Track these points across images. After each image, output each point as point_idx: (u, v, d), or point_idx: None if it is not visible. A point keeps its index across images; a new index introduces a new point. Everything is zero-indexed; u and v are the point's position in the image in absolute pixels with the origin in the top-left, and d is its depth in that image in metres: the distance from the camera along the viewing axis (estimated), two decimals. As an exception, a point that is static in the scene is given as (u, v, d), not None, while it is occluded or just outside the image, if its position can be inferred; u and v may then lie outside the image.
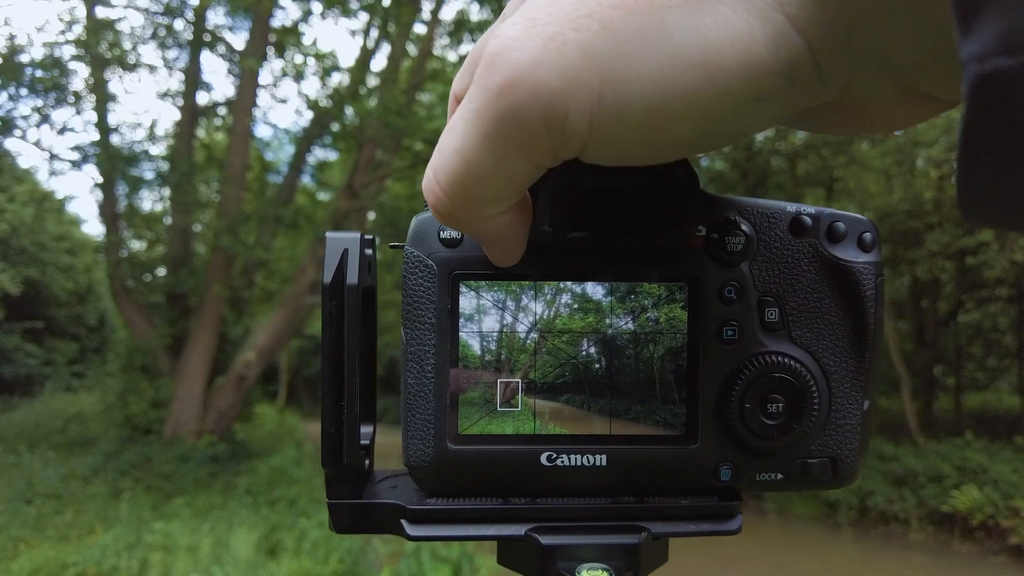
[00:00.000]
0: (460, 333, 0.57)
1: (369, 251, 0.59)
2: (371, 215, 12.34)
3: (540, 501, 0.58)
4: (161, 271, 12.22)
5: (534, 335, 0.57)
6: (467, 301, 0.57)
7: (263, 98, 13.79)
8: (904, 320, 13.26)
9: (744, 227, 0.58)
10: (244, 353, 10.66)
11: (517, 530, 0.56)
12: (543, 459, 0.57)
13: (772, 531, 9.87)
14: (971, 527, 9.05)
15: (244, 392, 11.09)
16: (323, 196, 13.60)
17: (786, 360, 0.57)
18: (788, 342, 0.58)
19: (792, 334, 0.58)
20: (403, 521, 0.57)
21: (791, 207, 0.58)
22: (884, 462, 10.24)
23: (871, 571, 8.66)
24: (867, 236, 0.59)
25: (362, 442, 0.58)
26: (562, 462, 0.57)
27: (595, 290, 0.58)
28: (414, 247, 0.57)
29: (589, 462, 0.57)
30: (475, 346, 0.57)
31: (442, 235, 0.57)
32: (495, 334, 0.58)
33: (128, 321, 11.12)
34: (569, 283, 0.57)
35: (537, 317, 0.57)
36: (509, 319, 0.57)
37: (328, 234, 0.55)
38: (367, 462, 0.61)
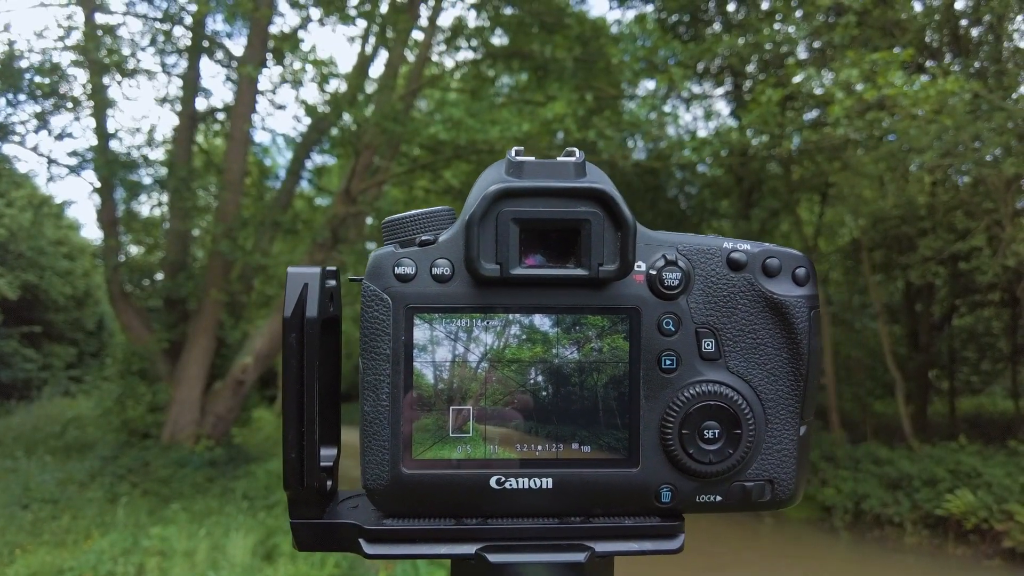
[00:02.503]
0: (414, 363, 0.60)
1: (332, 282, 0.63)
2: (369, 220, 12.37)
3: (491, 522, 0.61)
4: (159, 276, 12.23)
5: (484, 365, 0.61)
6: (421, 333, 0.60)
7: (261, 104, 13.85)
8: (898, 324, 13.29)
9: (681, 263, 0.61)
10: (242, 358, 10.67)
11: (468, 549, 0.60)
12: (492, 482, 0.60)
13: (768, 535, 9.90)
14: (965, 531, 9.06)
15: (242, 397, 11.10)
16: (321, 201, 13.62)
17: (722, 388, 0.61)
18: (725, 371, 0.62)
19: (728, 363, 0.62)
20: (361, 540, 0.60)
21: (728, 243, 0.63)
22: (879, 466, 10.26)
23: (866, 575, 8.68)
24: (800, 271, 0.63)
25: (324, 464, 0.62)
26: (511, 485, 0.60)
27: (542, 322, 0.60)
28: (371, 281, 0.60)
29: (536, 485, 0.60)
30: (428, 375, 0.60)
31: (397, 270, 0.60)
32: (447, 364, 0.60)
33: (126, 326, 11.12)
34: (517, 315, 0.60)
35: (487, 348, 0.60)
36: (461, 350, 0.60)
37: (289, 269, 0.59)
38: (329, 483, 0.65)
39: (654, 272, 0.61)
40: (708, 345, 0.62)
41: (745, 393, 0.62)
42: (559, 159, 0.60)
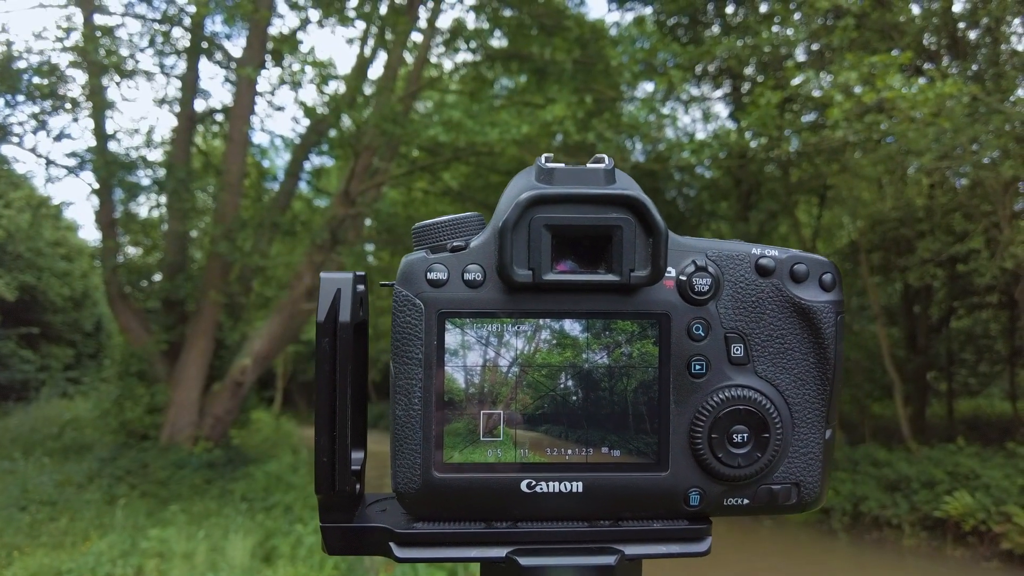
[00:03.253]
0: (445, 367, 0.61)
1: (361, 287, 0.63)
2: (367, 222, 12.37)
3: (521, 525, 0.61)
4: (158, 277, 12.21)
5: (515, 369, 0.61)
6: (452, 337, 0.60)
7: (260, 105, 13.84)
8: (897, 326, 13.32)
9: (711, 269, 0.62)
10: (240, 359, 10.66)
11: (498, 552, 0.60)
12: (523, 486, 0.61)
13: (767, 537, 9.90)
14: (963, 532, 9.08)
15: (240, 398, 11.08)
16: (320, 203, 13.61)
17: (751, 393, 0.61)
18: (753, 375, 0.62)
19: (757, 368, 0.62)
20: (392, 544, 0.61)
21: (756, 250, 0.63)
22: (877, 468, 10.28)
23: (865, 576, 8.70)
24: (827, 277, 0.63)
25: (353, 468, 0.62)
26: (541, 488, 0.61)
27: (572, 327, 0.61)
28: (403, 286, 0.61)
29: (566, 489, 0.61)
30: (460, 380, 0.61)
31: (429, 276, 0.60)
32: (478, 368, 0.61)
33: (124, 327, 11.10)
34: (548, 320, 0.61)
35: (518, 352, 0.61)
36: (492, 354, 0.61)
37: (323, 274, 0.60)
38: (358, 487, 0.65)
39: (684, 278, 0.62)
40: (737, 350, 0.62)
41: (773, 397, 0.62)
42: (589, 166, 0.61)
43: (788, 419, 0.63)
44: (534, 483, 0.61)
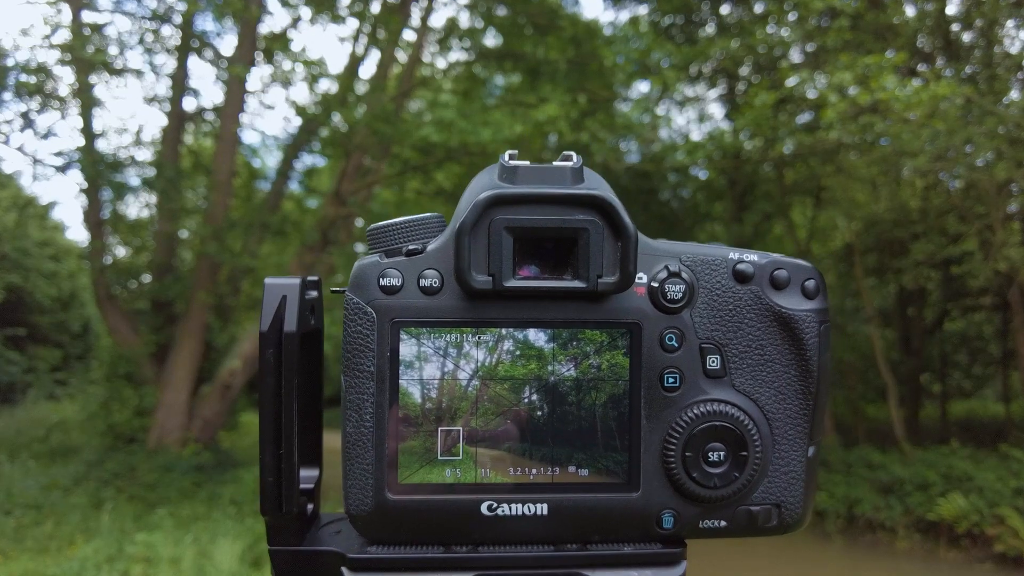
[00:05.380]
0: (400, 380, 0.57)
1: (313, 292, 0.59)
2: (359, 222, 12.30)
3: (482, 550, 0.57)
4: (146, 278, 12.12)
5: (476, 382, 0.57)
6: (407, 348, 0.57)
7: (251, 104, 13.76)
8: (891, 328, 13.35)
9: (685, 275, 0.58)
10: (230, 361, 10.57)
11: None
12: (484, 508, 0.57)
13: (761, 540, 9.87)
14: (957, 535, 9.09)
15: (229, 401, 10.99)
16: (311, 203, 13.54)
17: (728, 408, 0.58)
18: (730, 389, 0.59)
19: (734, 381, 0.59)
20: (344, 569, 0.57)
21: (733, 254, 0.59)
22: (871, 470, 10.28)
23: (858, 580, 8.68)
24: (810, 283, 0.59)
25: (304, 487, 0.58)
26: (503, 511, 0.57)
27: (537, 337, 0.57)
28: (354, 293, 0.57)
29: (530, 511, 0.57)
30: (415, 394, 0.57)
31: (382, 282, 0.56)
32: (436, 382, 0.57)
33: (112, 328, 11.01)
34: (511, 330, 0.57)
35: (479, 364, 0.57)
36: (450, 366, 0.57)
37: (267, 280, 0.55)
38: (310, 507, 0.62)
39: (656, 284, 0.58)
40: (713, 362, 0.59)
41: (752, 413, 0.59)
42: (555, 164, 0.56)
43: (768, 436, 0.59)
44: (496, 505, 0.57)
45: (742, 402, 0.59)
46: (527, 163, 0.56)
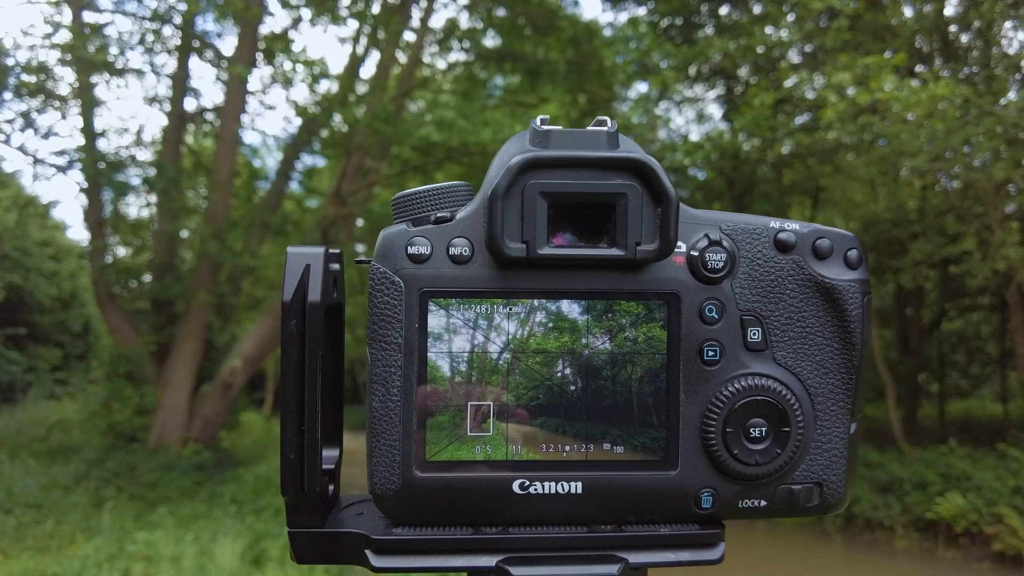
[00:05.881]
0: (428, 353, 0.55)
1: (336, 265, 0.57)
2: (359, 222, 12.30)
3: (512, 530, 0.56)
4: (147, 278, 12.10)
5: (507, 355, 0.55)
6: (436, 320, 0.54)
7: (251, 104, 13.75)
8: (889, 328, 13.36)
9: (726, 244, 0.56)
10: (230, 360, 10.56)
11: (488, 561, 0.54)
12: (515, 487, 0.55)
13: (761, 538, 9.89)
14: (955, 534, 9.10)
15: (230, 400, 10.98)
16: (311, 203, 13.53)
17: (769, 382, 0.56)
18: (772, 363, 0.57)
19: (776, 355, 0.57)
20: (367, 551, 0.55)
21: (775, 223, 0.57)
22: (870, 469, 10.28)
23: (857, 578, 8.69)
24: (853, 253, 0.58)
25: (326, 467, 0.56)
26: (535, 490, 0.55)
27: (571, 308, 0.55)
28: (380, 263, 0.55)
29: (564, 489, 0.55)
30: (444, 367, 0.55)
31: (410, 250, 0.54)
32: (465, 354, 0.55)
33: (113, 328, 10.99)
34: (543, 301, 0.55)
35: (510, 337, 0.55)
36: (480, 339, 0.55)
37: (289, 249, 0.53)
38: (331, 488, 0.59)
39: (696, 253, 0.56)
40: (754, 334, 0.56)
41: (794, 387, 0.57)
42: (590, 128, 0.55)
43: (810, 411, 0.57)
44: (528, 483, 0.55)
45: (784, 376, 0.56)
46: (560, 127, 0.54)
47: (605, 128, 0.54)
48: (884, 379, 11.13)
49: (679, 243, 0.55)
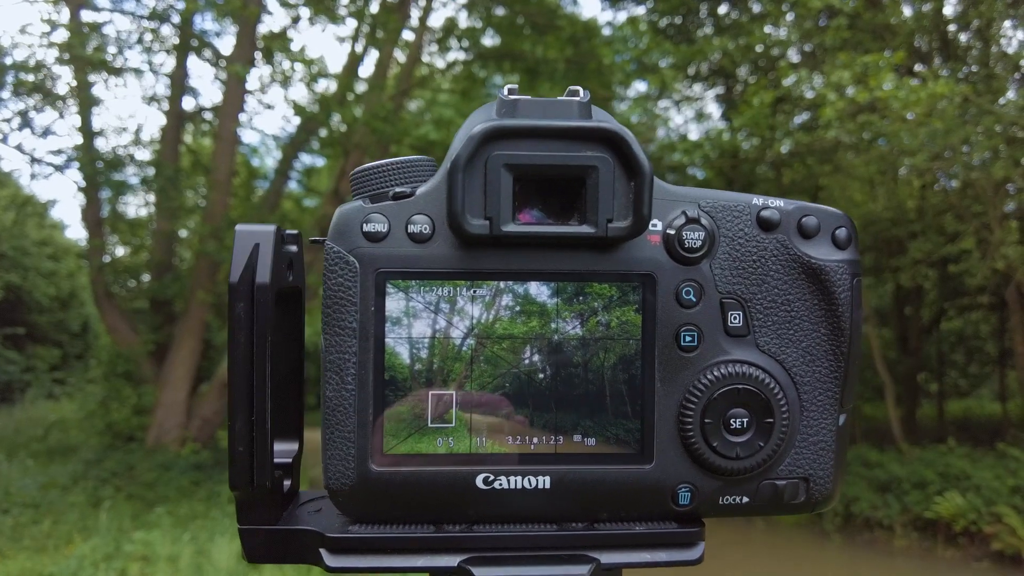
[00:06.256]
0: (386, 339, 0.51)
1: (293, 247, 0.54)
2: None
3: (477, 528, 0.52)
4: (145, 277, 12.09)
5: (471, 341, 0.52)
6: (394, 303, 0.51)
7: (250, 103, 13.72)
8: (888, 327, 13.35)
9: (704, 221, 0.52)
10: (228, 360, 10.55)
11: (450, 561, 0.51)
12: (479, 481, 0.51)
13: (759, 538, 9.87)
14: (954, 533, 9.08)
15: (228, 399, 10.97)
16: (310, 203, 13.53)
17: (751, 370, 0.52)
18: (754, 349, 0.53)
19: (758, 340, 0.53)
20: (322, 550, 0.51)
21: (757, 200, 0.54)
22: (868, 468, 10.27)
23: (856, 578, 8.68)
24: (841, 232, 0.54)
25: (281, 460, 0.53)
26: (500, 485, 0.51)
27: (539, 291, 0.51)
28: (335, 241, 0.51)
29: (531, 484, 0.51)
30: (403, 354, 0.51)
31: (366, 228, 0.50)
32: (426, 340, 0.51)
33: (111, 327, 10.98)
34: (510, 283, 0.52)
35: (474, 321, 0.52)
36: (443, 323, 0.51)
37: (238, 227, 0.50)
38: (287, 483, 0.55)
39: (672, 231, 0.52)
40: (735, 318, 0.53)
41: (778, 375, 0.53)
42: (561, 98, 0.51)
43: (795, 401, 0.53)
44: (492, 478, 0.51)
45: (767, 363, 0.53)
46: (528, 97, 0.50)
47: (577, 98, 0.51)
48: (883, 378, 11.11)
49: (655, 220, 0.52)
